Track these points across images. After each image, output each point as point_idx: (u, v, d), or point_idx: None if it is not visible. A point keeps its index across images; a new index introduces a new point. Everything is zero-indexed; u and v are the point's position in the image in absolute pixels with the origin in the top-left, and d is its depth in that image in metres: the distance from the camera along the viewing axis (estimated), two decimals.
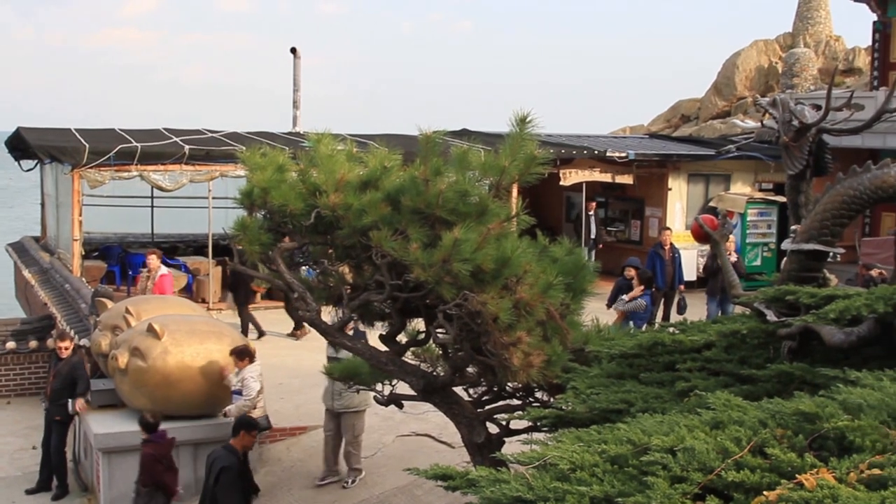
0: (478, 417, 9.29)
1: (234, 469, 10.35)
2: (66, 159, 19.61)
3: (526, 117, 8.45)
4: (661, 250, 19.25)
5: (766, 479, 4.35)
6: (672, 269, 19.17)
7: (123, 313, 12.88)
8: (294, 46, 27.30)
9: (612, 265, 20.19)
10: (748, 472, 4.38)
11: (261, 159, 9.12)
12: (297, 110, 26.76)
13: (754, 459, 4.52)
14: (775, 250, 23.32)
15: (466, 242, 7.67)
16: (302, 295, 8.98)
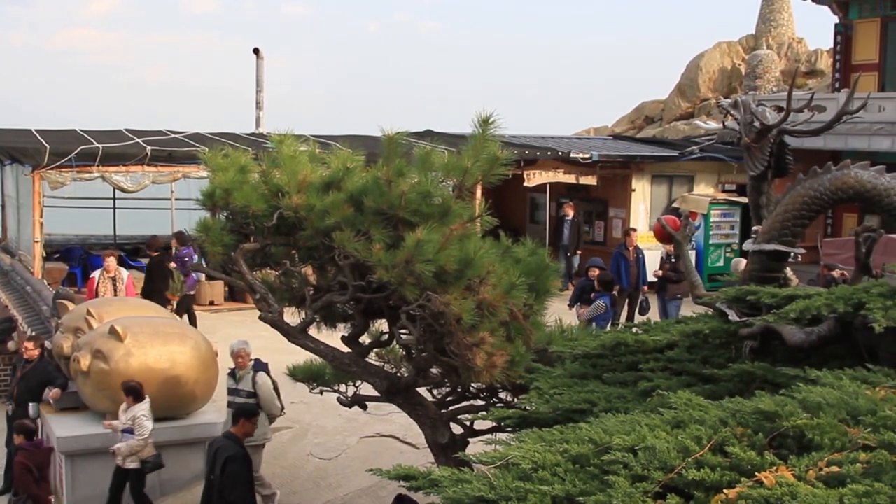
0: (441, 418, 9.30)
1: (240, 458, 10.16)
2: (27, 160, 19.47)
3: (489, 118, 8.46)
4: (625, 251, 19.31)
5: (726, 478, 4.37)
6: (636, 270, 19.24)
7: (85, 315, 12.77)
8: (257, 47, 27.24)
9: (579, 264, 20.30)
10: (708, 471, 4.40)
11: (223, 160, 9.09)
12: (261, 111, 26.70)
13: (714, 458, 4.55)
14: (738, 251, 23.46)
15: (429, 243, 7.67)
16: (264, 296, 8.96)
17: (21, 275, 19.32)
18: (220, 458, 10.07)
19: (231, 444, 10.21)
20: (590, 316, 15.58)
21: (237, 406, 11.22)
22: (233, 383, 12.04)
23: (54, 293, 15.52)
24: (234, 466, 10.02)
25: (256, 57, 26.87)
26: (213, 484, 10.13)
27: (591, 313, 15.65)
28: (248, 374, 11.95)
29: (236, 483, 10.02)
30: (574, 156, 23.94)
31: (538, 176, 23.96)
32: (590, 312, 15.67)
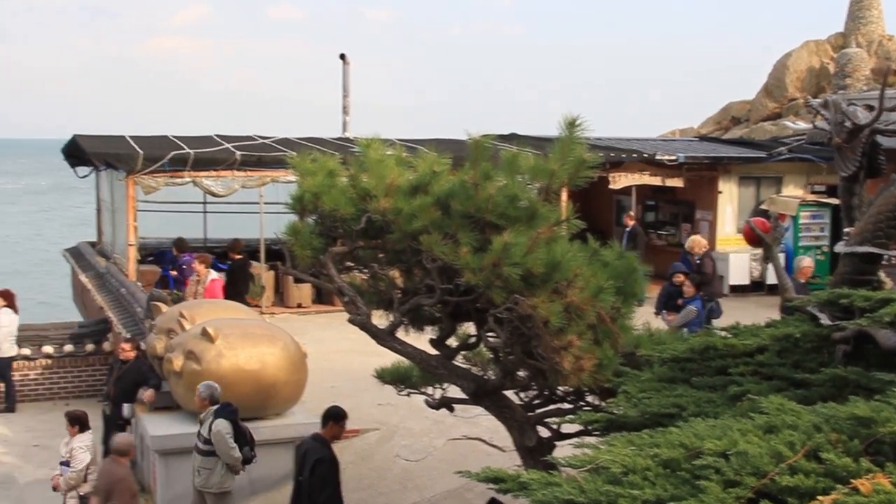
0: (529, 421, 9.30)
1: (329, 461, 10.14)
2: (121, 166, 19.88)
3: (575, 120, 8.44)
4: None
5: (820, 484, 4.33)
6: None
7: (178, 317, 13.03)
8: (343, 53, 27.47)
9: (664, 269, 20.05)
10: (802, 477, 4.36)
11: (311, 165, 9.20)
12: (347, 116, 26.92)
13: (808, 464, 4.50)
14: (828, 253, 23.08)
15: (516, 246, 7.68)
16: (352, 299, 9.05)
17: (116, 277, 19.73)
18: (308, 459, 10.11)
19: (319, 446, 10.22)
20: (681, 322, 15.41)
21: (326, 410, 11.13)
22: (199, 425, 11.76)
23: (148, 295, 15.82)
24: (322, 469, 10.04)
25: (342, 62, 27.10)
26: (302, 485, 10.19)
27: (682, 319, 15.49)
28: (208, 420, 11.47)
29: (325, 485, 10.05)
30: (660, 158, 23.73)
31: (624, 178, 23.81)
32: (681, 318, 15.51)
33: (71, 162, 24.41)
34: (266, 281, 20.47)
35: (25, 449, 15.74)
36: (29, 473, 14.67)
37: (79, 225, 72.36)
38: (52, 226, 77.79)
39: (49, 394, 18.55)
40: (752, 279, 24.00)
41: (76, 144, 22.24)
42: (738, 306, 19.21)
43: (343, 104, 27.00)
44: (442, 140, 20.30)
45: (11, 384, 17.96)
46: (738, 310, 18.58)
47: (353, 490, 12.48)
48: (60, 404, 18.28)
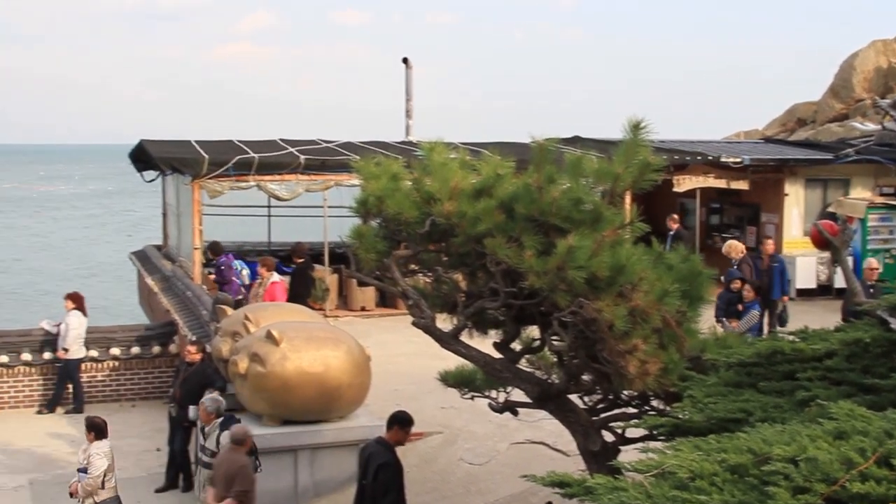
0: (593, 425, 9.25)
1: (392, 465, 10.06)
2: (187, 170, 20.12)
3: (639, 123, 8.39)
4: (758, 259, 18.61)
5: (892, 491, 4.26)
6: (769, 280, 18.40)
7: (243, 320, 13.14)
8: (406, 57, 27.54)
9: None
10: (874, 484, 4.30)
11: (375, 168, 9.22)
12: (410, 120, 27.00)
13: (880, 470, 4.44)
14: None
15: (581, 250, 7.65)
16: (417, 302, 9.07)
17: (181, 280, 19.95)
18: (372, 464, 10.07)
19: (383, 450, 10.15)
20: (745, 327, 15.26)
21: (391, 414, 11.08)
22: (202, 439, 11.89)
23: (213, 298, 15.98)
24: (386, 474, 9.98)
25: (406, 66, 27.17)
26: (366, 489, 10.17)
27: (746, 324, 15.33)
28: (214, 432, 11.66)
29: (388, 490, 10.02)
30: (725, 160, 23.53)
31: (688, 181, 23.64)
32: (745, 323, 15.35)
33: (138, 167, 24.74)
34: (330, 284, 20.58)
35: None
36: None
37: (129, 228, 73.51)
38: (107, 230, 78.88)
39: (116, 395, 18.81)
40: (819, 283, 23.69)
41: (143, 149, 22.55)
42: (806, 310, 18.97)
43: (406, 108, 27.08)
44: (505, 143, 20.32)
45: (79, 385, 18.23)
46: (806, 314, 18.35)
47: (416, 493, 12.51)
48: (127, 406, 18.56)
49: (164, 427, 14.69)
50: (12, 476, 14.74)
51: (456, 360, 9.96)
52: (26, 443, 16.27)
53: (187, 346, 14.46)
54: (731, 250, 18.10)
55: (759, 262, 18.46)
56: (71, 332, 17.95)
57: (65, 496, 13.70)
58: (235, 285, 18.89)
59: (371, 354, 13.23)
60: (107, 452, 11.66)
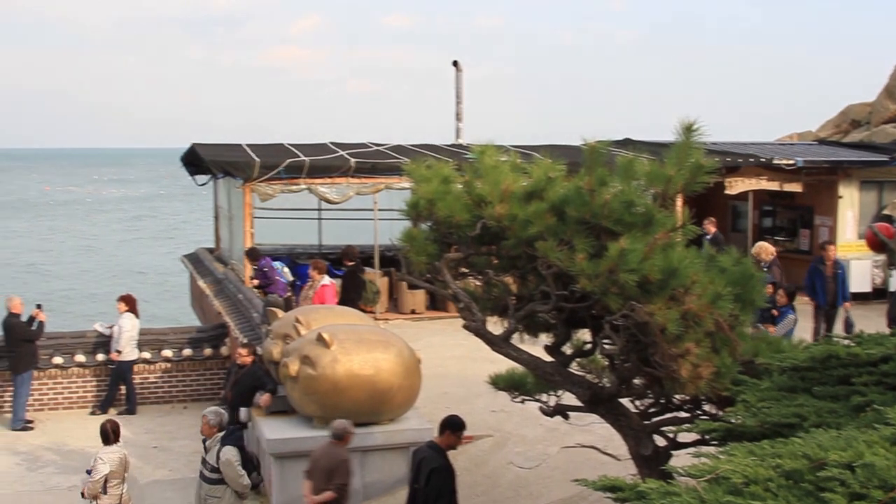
0: (645, 429, 9.20)
1: (445, 470, 10.07)
2: (238, 174, 20.24)
3: (692, 125, 8.34)
4: (821, 266, 18.05)
5: None
6: (834, 286, 17.94)
7: (294, 322, 13.20)
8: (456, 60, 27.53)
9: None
10: None
11: (426, 171, 9.24)
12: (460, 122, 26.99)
13: None
14: None
15: (633, 252, 7.62)
16: (468, 305, 9.07)
17: (233, 283, 20.08)
18: (424, 468, 10.07)
19: (436, 455, 10.14)
20: (782, 332, 15.09)
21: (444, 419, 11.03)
22: (203, 452, 11.83)
23: (264, 301, 16.06)
24: (438, 478, 9.99)
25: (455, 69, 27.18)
26: (417, 493, 10.18)
27: (783, 329, 15.16)
28: (215, 447, 11.54)
29: (440, 495, 10.02)
30: (777, 162, 23.31)
31: (740, 183, 23.44)
32: (781, 329, 15.17)
33: (190, 170, 24.92)
34: (380, 287, 20.62)
35: (145, 450, 16.11)
36: (148, 474, 15.01)
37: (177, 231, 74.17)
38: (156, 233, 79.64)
39: (168, 397, 18.97)
40: (874, 286, 23.40)
41: (195, 153, 22.72)
42: (860, 314, 18.72)
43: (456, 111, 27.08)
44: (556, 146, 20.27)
45: (132, 387, 18.41)
46: (861, 318, 18.15)
47: (466, 497, 12.50)
48: (179, 407, 18.71)
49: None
50: (66, 476, 14.91)
51: (506, 364, 9.96)
52: (80, 443, 16.45)
53: (239, 349, 14.56)
54: (760, 252, 17.78)
55: (823, 267, 18.02)
56: (124, 334, 18.14)
57: None
58: (281, 284, 18.97)
59: (421, 357, 13.25)
60: (112, 459, 11.67)
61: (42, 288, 47.56)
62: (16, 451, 16.14)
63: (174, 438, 16.75)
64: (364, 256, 20.83)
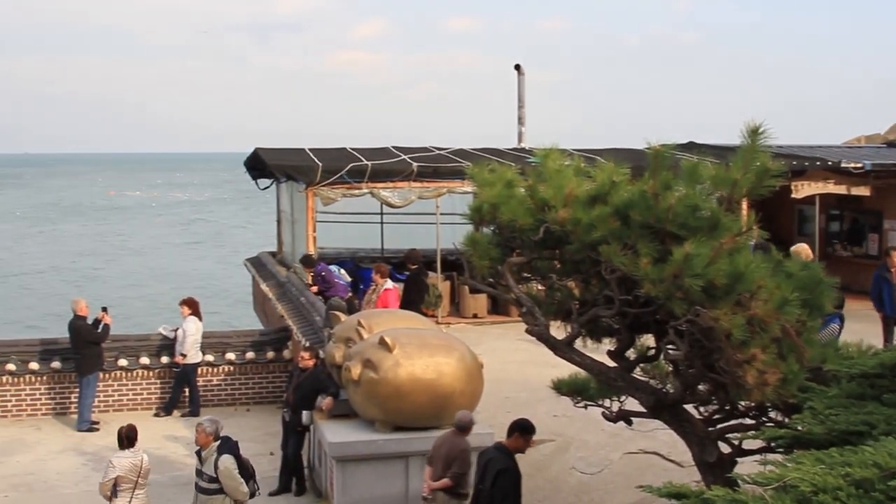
0: (709, 436, 9.10)
1: (512, 472, 10.09)
2: (301, 178, 20.36)
3: (758, 128, 8.25)
4: (886, 273, 17.51)
5: None
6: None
7: (356, 326, 13.23)
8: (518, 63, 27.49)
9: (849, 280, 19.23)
10: None
11: (489, 175, 9.23)
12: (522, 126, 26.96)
13: None
14: None
15: (698, 257, 7.54)
16: (530, 309, 9.03)
17: (296, 286, 20.19)
18: (490, 469, 10.07)
19: (503, 456, 10.15)
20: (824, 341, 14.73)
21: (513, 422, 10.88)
22: (199, 464, 11.65)
23: (327, 304, 16.13)
24: (505, 479, 9.99)
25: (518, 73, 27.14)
26: (482, 493, 10.18)
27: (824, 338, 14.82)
28: (211, 457, 11.36)
29: (506, 496, 10.02)
30: (845, 165, 22.98)
31: (807, 187, 23.15)
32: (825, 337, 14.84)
33: (253, 174, 25.09)
34: (442, 291, 20.63)
35: None
36: None
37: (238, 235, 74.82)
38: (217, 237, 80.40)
39: (231, 399, 19.14)
40: None
41: (258, 157, 22.87)
42: None
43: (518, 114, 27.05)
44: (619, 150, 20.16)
45: (196, 389, 18.59)
46: None
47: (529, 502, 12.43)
48: (241, 409, 18.85)
49: (278, 431, 14.88)
50: None
51: (569, 369, 9.91)
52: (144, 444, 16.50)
53: (301, 352, 14.64)
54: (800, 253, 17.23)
55: (888, 275, 17.44)
56: (188, 337, 18.32)
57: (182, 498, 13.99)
58: (341, 286, 19.06)
59: (483, 362, 13.22)
60: (122, 464, 11.68)
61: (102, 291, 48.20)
62: (82, 451, 16.36)
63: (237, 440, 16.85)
64: (426, 260, 20.83)
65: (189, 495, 14.21)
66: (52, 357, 18.47)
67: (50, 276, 58.80)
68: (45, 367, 18.40)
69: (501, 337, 19.08)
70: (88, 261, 65.91)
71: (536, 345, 9.65)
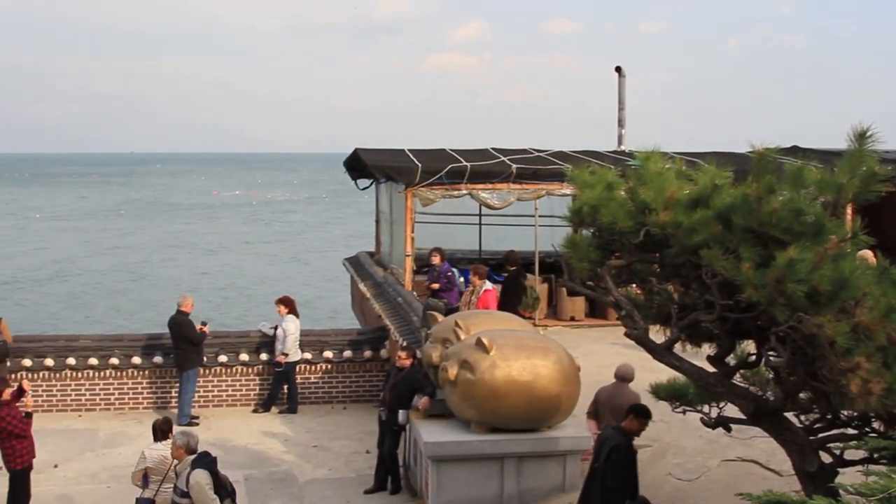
0: (810, 445, 8.96)
1: (624, 448, 10.62)
2: (400, 178, 20.46)
3: (865, 132, 8.10)
4: None
5: None
6: None
7: (453, 327, 13.27)
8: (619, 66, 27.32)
9: None
10: None
11: (590, 177, 9.19)
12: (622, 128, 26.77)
13: None
14: None
15: (801, 262, 7.42)
16: (630, 313, 8.98)
17: (393, 287, 20.32)
18: (606, 446, 10.59)
19: (618, 434, 10.72)
20: None
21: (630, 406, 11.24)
22: (174, 477, 11.36)
23: (424, 305, 16.21)
24: (618, 455, 10.49)
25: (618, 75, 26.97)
26: (597, 472, 10.65)
27: None
28: (185, 471, 10.88)
29: (618, 471, 10.45)
30: None
31: None
32: None
33: (352, 175, 25.25)
34: (540, 293, 20.58)
35: (305, 449, 16.45)
36: (308, 473, 15.32)
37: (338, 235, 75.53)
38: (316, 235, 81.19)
39: (328, 397, 19.32)
40: None
41: (357, 157, 23.01)
42: None
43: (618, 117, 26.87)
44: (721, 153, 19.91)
45: (294, 387, 18.81)
46: None
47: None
48: (338, 408, 19.03)
49: (374, 430, 14.99)
50: (229, 472, 15.18)
51: (667, 373, 9.83)
52: (242, 440, 16.90)
53: (398, 352, 14.74)
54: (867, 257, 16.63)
55: None
56: (289, 336, 18.53)
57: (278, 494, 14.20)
58: (457, 293, 19.18)
59: (580, 365, 13.17)
60: (153, 456, 11.78)
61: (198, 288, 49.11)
62: None
63: (334, 438, 17.05)
64: (525, 262, 20.80)
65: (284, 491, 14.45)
66: (155, 352, 18.88)
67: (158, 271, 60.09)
68: (148, 362, 18.80)
69: (599, 340, 18.98)
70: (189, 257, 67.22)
71: (634, 348, 9.59)
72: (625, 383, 12.45)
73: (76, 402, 18.65)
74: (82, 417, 18.29)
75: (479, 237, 26.01)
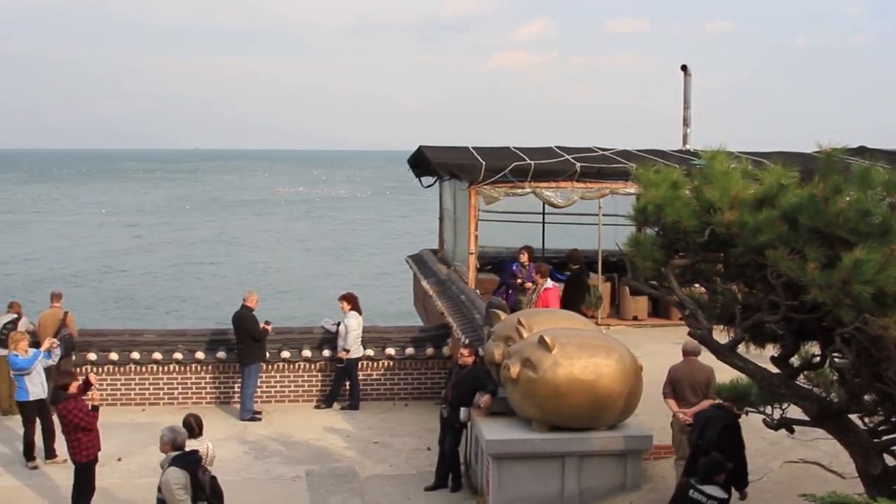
0: (874, 448, 8.90)
1: (737, 427, 11.02)
2: (464, 176, 20.47)
3: None
4: None
5: None
6: None
7: (516, 325, 13.31)
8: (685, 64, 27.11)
9: None
10: None
11: (655, 176, 9.18)
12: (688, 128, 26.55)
13: None
14: None
15: (868, 263, 7.37)
16: (693, 312, 8.96)
17: (456, 284, 20.36)
18: (712, 425, 10.95)
19: (724, 414, 10.99)
20: None
21: None
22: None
23: (487, 303, 16.25)
24: (732, 433, 10.94)
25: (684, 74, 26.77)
26: (700, 449, 10.91)
27: None
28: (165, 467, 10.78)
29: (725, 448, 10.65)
30: None
31: None
32: None
33: (416, 172, 25.29)
34: (603, 292, 20.53)
35: (366, 445, 16.56)
36: (368, 469, 15.42)
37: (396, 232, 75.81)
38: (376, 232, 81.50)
39: (389, 394, 19.44)
40: None
41: (421, 155, 23.07)
42: None
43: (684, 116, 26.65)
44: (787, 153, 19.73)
45: (356, 383, 18.93)
46: None
47: None
48: (400, 405, 19.13)
49: (435, 427, 15.06)
50: (291, 467, 15.47)
51: (730, 373, 9.80)
52: (304, 436, 17.05)
53: (460, 349, 14.78)
54: None
55: None
56: (351, 332, 18.65)
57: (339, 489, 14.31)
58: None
59: (643, 364, 13.14)
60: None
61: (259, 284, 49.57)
62: (244, 440, 16.87)
63: (395, 435, 17.14)
64: (588, 261, 20.75)
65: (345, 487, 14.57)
66: (218, 347, 19.11)
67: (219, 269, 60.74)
68: (211, 357, 19.03)
69: (661, 340, 18.87)
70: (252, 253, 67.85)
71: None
72: (695, 357, 12.63)
73: (140, 396, 18.94)
74: (146, 411, 18.56)
75: (542, 235, 25.96)
